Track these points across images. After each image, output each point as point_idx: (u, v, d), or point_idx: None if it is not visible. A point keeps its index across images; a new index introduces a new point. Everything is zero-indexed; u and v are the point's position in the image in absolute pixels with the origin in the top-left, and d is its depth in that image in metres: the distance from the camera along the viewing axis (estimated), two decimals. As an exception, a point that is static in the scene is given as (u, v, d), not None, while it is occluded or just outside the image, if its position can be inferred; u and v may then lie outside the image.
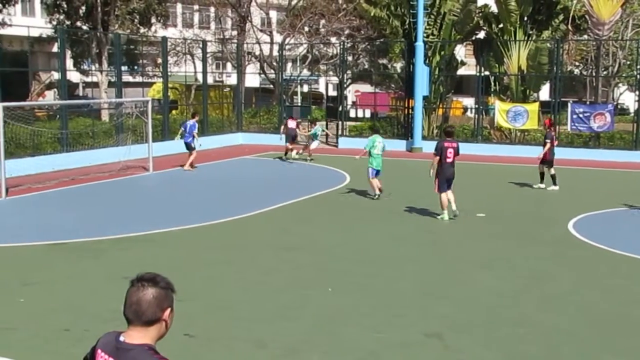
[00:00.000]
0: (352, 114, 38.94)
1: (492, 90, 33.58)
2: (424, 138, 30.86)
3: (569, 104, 29.88)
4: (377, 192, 17.78)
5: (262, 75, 41.50)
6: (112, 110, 28.59)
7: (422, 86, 30.00)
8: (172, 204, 17.29)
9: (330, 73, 44.62)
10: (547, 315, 9.11)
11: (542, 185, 20.04)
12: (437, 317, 8.93)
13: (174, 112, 33.78)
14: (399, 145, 30.71)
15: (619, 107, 47.56)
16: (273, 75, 39.29)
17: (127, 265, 11.18)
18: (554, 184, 19.91)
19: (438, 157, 15.22)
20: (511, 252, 12.69)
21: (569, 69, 40.14)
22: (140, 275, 2.93)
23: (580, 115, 28.65)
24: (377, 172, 17.83)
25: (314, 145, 26.19)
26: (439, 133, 32.02)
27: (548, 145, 19.74)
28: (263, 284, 10.34)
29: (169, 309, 2.91)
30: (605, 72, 34.22)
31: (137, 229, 14.09)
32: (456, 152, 15.37)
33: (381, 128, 32.97)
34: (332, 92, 50.56)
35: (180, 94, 37.12)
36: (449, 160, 15.29)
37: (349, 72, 39.48)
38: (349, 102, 48.40)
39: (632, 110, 50.91)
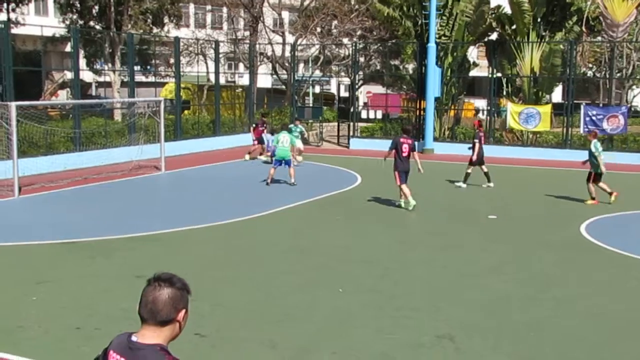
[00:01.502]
0: (364, 115, 38.94)
1: (505, 92, 33.48)
2: (435, 139, 30.83)
3: (582, 106, 29.74)
4: (268, 179, 20.28)
5: (274, 76, 41.53)
6: (125, 110, 28.71)
7: (434, 87, 29.97)
8: (183, 204, 17.34)
9: (342, 74, 44.58)
10: (558, 319, 9.07)
11: (464, 185, 20.34)
12: (448, 320, 8.91)
13: (186, 112, 33.86)
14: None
15: (632, 109, 47.27)
16: (285, 76, 39.33)
17: (138, 264, 11.22)
18: (489, 181, 20.47)
19: (393, 152, 16.77)
20: (522, 254, 12.64)
21: (582, 71, 39.97)
22: (158, 275, 2.93)
23: (594, 118, 28.52)
24: (280, 163, 20.25)
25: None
26: (451, 134, 32.01)
27: (478, 146, 20.17)
28: (273, 285, 10.35)
29: (183, 310, 2.92)
30: (619, 74, 34.05)
31: (149, 228, 14.15)
32: (411, 148, 16.84)
33: (392, 129, 32.98)
34: (344, 93, 50.55)
35: (192, 94, 37.21)
36: (404, 154, 16.73)
37: (360, 73, 39.46)
38: (361, 103, 48.39)
39: (645, 112, 50.60)
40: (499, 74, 32.38)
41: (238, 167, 24.48)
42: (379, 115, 37.90)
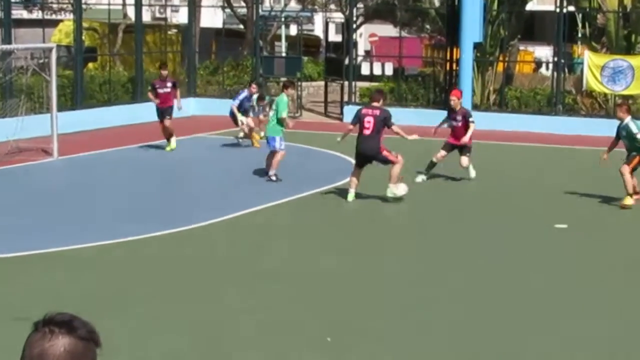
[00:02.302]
0: (365, 70, 38.84)
1: (580, 35, 33.54)
2: (475, 107, 30.72)
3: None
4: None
5: (227, 11, 41.41)
6: (-4, 63, 28.51)
7: (472, 29, 29.93)
8: (87, 207, 17.30)
9: (332, 7, 44.54)
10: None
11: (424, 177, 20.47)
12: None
13: (91, 65, 33.62)
14: (438, 117, 30.59)
15: None
16: (244, 11, 39.20)
17: (19, 299, 11.17)
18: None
19: (353, 127, 18.18)
20: (614, 286, 12.61)
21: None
22: (50, 317, 2.89)
23: None
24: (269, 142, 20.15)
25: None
26: (499, 100, 32.03)
27: (473, 127, 20.55)
28: (225, 330, 10.34)
29: (87, 371, 2.88)
30: None
31: (34, 244, 14.05)
32: (377, 123, 17.59)
33: (409, 92, 32.90)
34: (335, 37, 50.50)
35: (100, 38, 37.00)
36: (366, 132, 17.73)
37: (360, 5, 39.40)
38: (361, 52, 48.29)
39: None
40: (571, 8, 32.42)
41: (172, 151, 24.35)
42: (389, 70, 37.81)
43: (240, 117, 24.55)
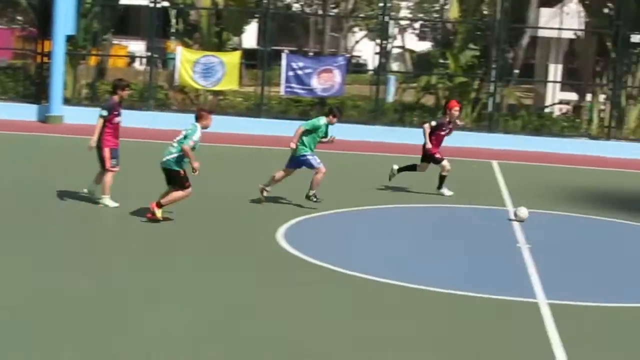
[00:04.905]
0: None
1: (173, 30, 33.93)
2: (66, 102, 30.42)
3: (284, 56, 30.88)
4: None
5: None
6: None
7: (65, 21, 29.53)
8: None
9: None
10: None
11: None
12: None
13: None
14: (28, 112, 30.08)
15: (353, 61, 50.51)
16: None
17: None
18: None
19: (103, 121, 16.82)
20: (193, 278, 12.90)
21: (285, 3, 41.80)
22: None
23: (299, 72, 29.78)
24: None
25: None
26: (91, 94, 31.86)
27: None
28: None
29: None
30: (335, 11, 36.20)
31: None
32: None
33: (-1, 84, 31.96)
34: None
35: None
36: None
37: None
38: None
39: (370, 66, 54.37)
40: (166, 3, 32.72)
41: None
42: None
43: None
